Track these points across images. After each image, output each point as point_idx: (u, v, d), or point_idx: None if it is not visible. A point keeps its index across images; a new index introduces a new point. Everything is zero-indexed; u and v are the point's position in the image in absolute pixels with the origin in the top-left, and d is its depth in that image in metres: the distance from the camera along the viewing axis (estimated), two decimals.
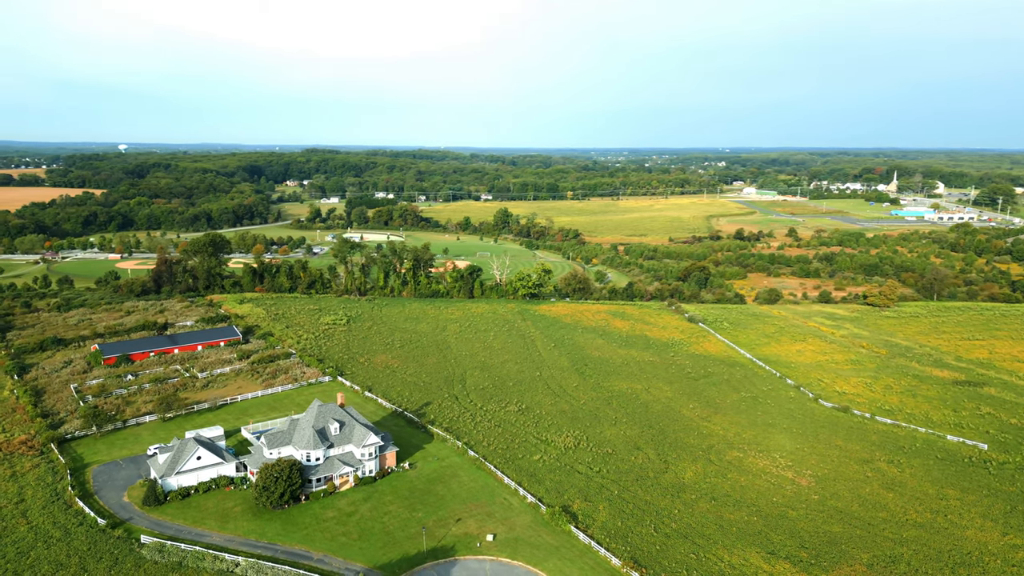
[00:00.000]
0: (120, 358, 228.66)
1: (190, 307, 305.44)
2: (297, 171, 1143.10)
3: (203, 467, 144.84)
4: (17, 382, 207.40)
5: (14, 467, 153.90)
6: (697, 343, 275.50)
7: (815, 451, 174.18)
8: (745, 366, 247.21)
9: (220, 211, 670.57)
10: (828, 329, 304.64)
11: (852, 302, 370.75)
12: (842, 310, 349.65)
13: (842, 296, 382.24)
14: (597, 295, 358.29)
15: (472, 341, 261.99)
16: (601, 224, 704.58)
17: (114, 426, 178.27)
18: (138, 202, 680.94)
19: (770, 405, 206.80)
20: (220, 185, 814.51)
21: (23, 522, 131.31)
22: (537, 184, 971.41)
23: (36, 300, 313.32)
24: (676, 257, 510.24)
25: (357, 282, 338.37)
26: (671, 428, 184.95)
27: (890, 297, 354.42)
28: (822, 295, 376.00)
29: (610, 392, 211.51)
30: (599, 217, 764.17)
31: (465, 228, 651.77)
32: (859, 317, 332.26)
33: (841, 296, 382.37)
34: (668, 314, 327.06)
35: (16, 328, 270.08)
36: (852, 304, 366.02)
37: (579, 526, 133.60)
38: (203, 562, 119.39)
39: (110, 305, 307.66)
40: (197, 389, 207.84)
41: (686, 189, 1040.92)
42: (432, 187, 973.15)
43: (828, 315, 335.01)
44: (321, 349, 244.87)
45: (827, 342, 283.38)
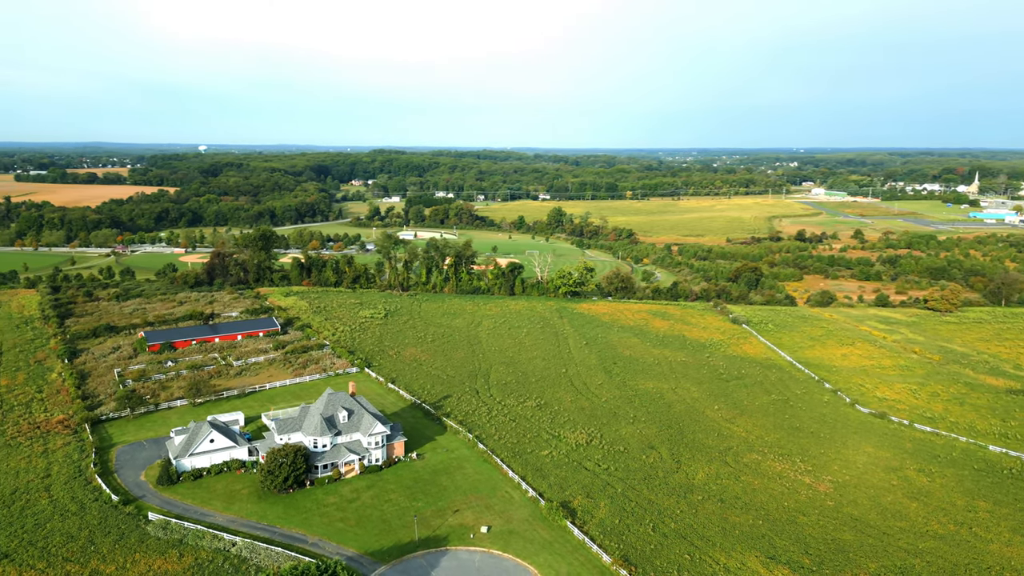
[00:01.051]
0: (164, 345, 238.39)
1: (238, 299, 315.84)
2: (362, 171, 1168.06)
3: (216, 450, 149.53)
4: (66, 366, 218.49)
5: (47, 444, 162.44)
6: (736, 344, 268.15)
7: (840, 457, 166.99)
8: (782, 368, 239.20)
9: (283, 208, 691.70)
10: (880, 333, 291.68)
11: (912, 306, 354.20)
12: (899, 314, 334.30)
13: (901, 300, 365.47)
14: (640, 294, 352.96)
15: (504, 337, 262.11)
16: (658, 224, 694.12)
17: (146, 409, 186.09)
18: (207, 199, 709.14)
19: (800, 409, 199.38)
20: (285, 184, 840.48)
21: (45, 496, 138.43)
22: (596, 184, 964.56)
23: (98, 290, 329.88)
24: (731, 258, 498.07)
25: (400, 277, 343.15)
26: (691, 428, 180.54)
27: (952, 302, 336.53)
28: (879, 298, 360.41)
29: (634, 391, 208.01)
30: (657, 217, 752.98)
31: (519, 227, 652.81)
32: (917, 322, 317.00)
33: (900, 300, 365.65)
34: (712, 315, 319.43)
35: (75, 315, 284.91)
36: (911, 308, 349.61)
37: (576, 522, 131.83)
38: (202, 540, 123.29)
39: (164, 296, 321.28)
40: (231, 376, 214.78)
41: (751, 189, 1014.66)
42: (491, 187, 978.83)
43: (883, 319, 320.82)
44: (354, 341, 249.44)
45: (877, 347, 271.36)
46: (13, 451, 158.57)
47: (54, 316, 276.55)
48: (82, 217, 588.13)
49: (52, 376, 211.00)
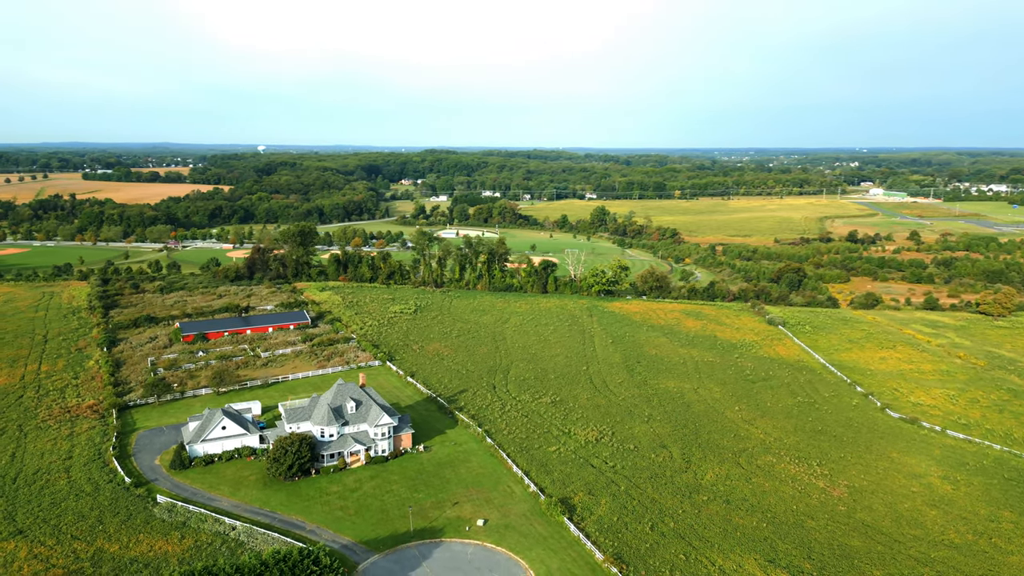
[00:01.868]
0: (197, 336, 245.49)
1: (275, 293, 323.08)
2: (412, 171, 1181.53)
3: (227, 437, 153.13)
4: (104, 354, 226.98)
5: (74, 428, 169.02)
6: (769, 345, 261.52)
7: (861, 461, 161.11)
8: (814, 371, 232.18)
9: (331, 206, 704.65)
10: (924, 337, 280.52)
11: (963, 310, 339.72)
12: (948, 318, 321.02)
13: (952, 304, 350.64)
14: (676, 294, 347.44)
15: (529, 334, 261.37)
16: (704, 224, 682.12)
17: (172, 397, 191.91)
18: (259, 197, 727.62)
19: (826, 412, 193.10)
20: (335, 183, 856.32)
21: (64, 476, 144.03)
22: (644, 183, 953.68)
23: (144, 283, 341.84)
24: (776, 258, 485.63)
25: (434, 274, 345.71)
26: (707, 429, 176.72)
27: (1005, 305, 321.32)
28: (928, 301, 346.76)
29: (654, 390, 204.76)
30: (704, 217, 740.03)
31: (562, 226, 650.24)
32: (965, 326, 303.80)
33: (951, 304, 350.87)
34: (747, 315, 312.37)
35: (120, 307, 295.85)
36: (962, 312, 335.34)
37: (574, 518, 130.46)
38: (204, 524, 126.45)
39: (206, 289, 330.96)
40: (257, 367, 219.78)
41: (804, 190, 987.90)
42: (537, 186, 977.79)
43: (930, 323, 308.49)
44: (381, 335, 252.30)
45: (918, 350, 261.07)
46: (42, 433, 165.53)
47: (99, 307, 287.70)
48: (140, 214, 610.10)
49: (89, 363, 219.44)
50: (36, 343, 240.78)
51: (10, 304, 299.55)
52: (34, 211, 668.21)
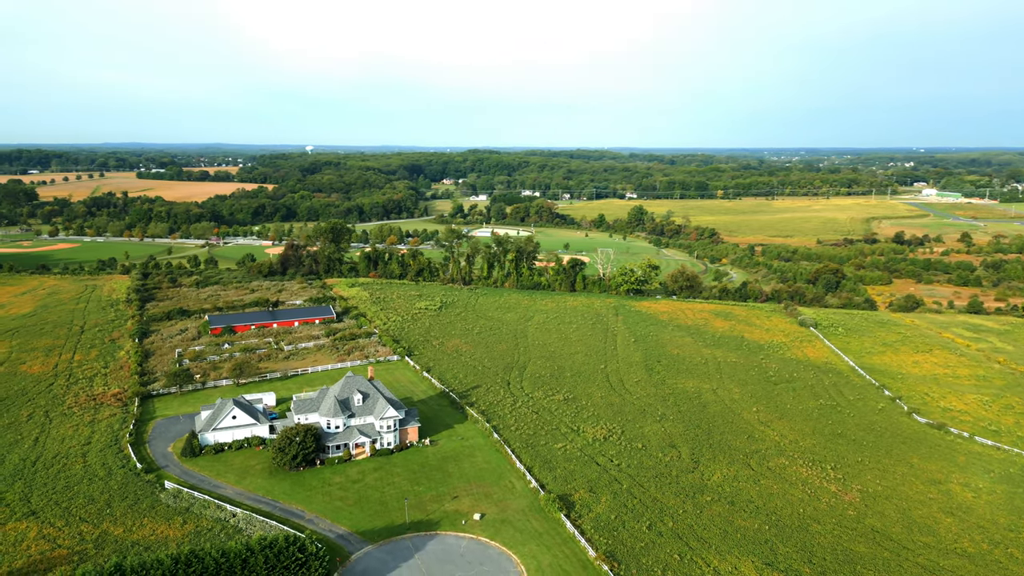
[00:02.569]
0: (224, 329, 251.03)
1: (306, 288, 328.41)
2: (454, 170, 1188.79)
3: (238, 426, 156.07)
4: (135, 344, 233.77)
5: (96, 415, 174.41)
6: (797, 347, 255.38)
7: (878, 466, 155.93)
8: (841, 373, 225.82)
9: (371, 205, 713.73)
10: (964, 341, 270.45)
11: (1008, 314, 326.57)
12: (992, 322, 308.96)
13: (998, 307, 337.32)
14: (707, 294, 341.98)
15: (551, 332, 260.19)
16: (745, 224, 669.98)
17: (193, 387, 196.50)
18: (301, 196, 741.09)
19: (848, 415, 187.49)
20: (375, 182, 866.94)
21: (80, 461, 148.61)
22: (686, 182, 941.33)
23: (182, 277, 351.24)
24: (816, 259, 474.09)
25: (462, 272, 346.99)
26: (720, 429, 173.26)
27: None
28: (972, 304, 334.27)
29: (672, 390, 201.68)
30: (746, 217, 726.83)
31: (599, 225, 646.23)
32: (1010, 331, 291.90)
33: (997, 307, 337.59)
34: (779, 316, 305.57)
35: (156, 300, 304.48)
36: (1007, 316, 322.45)
37: (572, 515, 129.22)
38: (206, 510, 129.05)
39: (239, 284, 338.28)
40: (279, 360, 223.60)
41: (853, 190, 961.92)
42: (577, 185, 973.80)
43: (972, 327, 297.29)
44: (403, 331, 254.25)
45: (956, 354, 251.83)
46: (66, 419, 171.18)
47: (136, 299, 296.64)
48: (186, 211, 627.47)
49: (120, 354, 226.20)
50: (73, 333, 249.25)
51: (54, 296, 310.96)
52: (88, 208, 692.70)
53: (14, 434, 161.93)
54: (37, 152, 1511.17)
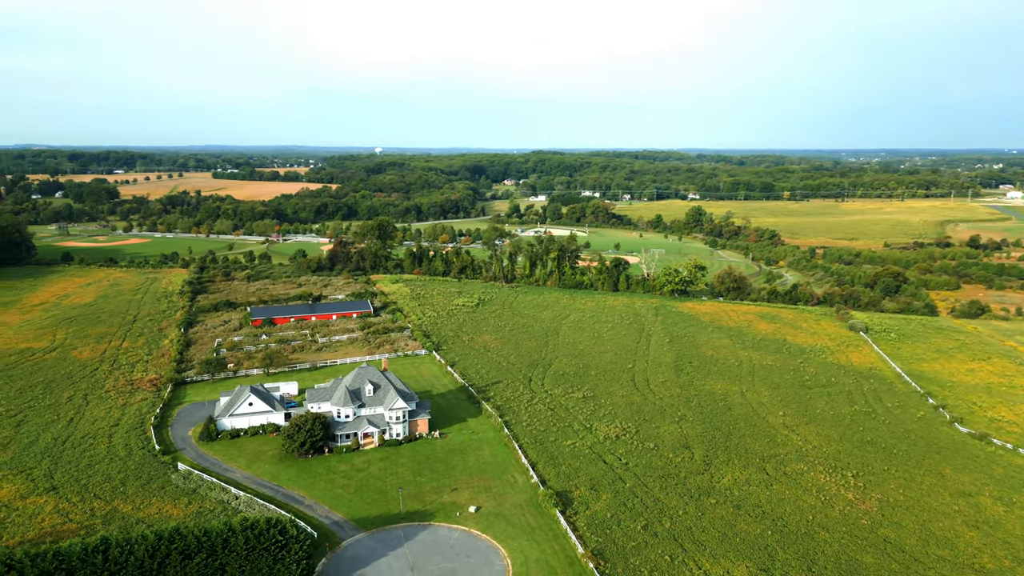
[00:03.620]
0: (265, 320, 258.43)
1: (350, 283, 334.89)
2: (515, 171, 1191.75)
3: (254, 413, 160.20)
4: (180, 333, 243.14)
5: (130, 399, 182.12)
6: (842, 352, 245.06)
7: (905, 475, 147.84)
8: (884, 379, 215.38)
9: (429, 205, 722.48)
10: None
11: None
12: None
13: None
14: (755, 296, 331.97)
15: (584, 331, 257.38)
16: (809, 226, 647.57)
17: (225, 375, 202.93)
18: (362, 195, 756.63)
19: (883, 423, 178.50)
20: (435, 182, 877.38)
21: (106, 442, 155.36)
22: (751, 183, 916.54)
23: (236, 271, 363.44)
24: (880, 262, 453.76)
25: (505, 270, 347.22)
26: (740, 432, 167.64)
27: None
28: None
29: (697, 391, 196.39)
30: (811, 218, 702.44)
31: (655, 226, 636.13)
32: None
33: None
34: (828, 320, 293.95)
35: (208, 292, 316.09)
36: None
37: (567, 512, 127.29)
38: (212, 492, 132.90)
39: (288, 278, 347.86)
40: (311, 351, 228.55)
41: (931, 192, 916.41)
42: (638, 186, 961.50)
43: None
44: (436, 326, 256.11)
45: (1016, 363, 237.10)
46: (102, 402, 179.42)
47: (188, 292, 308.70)
48: (251, 209, 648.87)
49: (164, 342, 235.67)
50: (126, 322, 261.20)
51: (116, 287, 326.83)
52: (164, 206, 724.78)
53: (52, 414, 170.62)
54: (124, 153, 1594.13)
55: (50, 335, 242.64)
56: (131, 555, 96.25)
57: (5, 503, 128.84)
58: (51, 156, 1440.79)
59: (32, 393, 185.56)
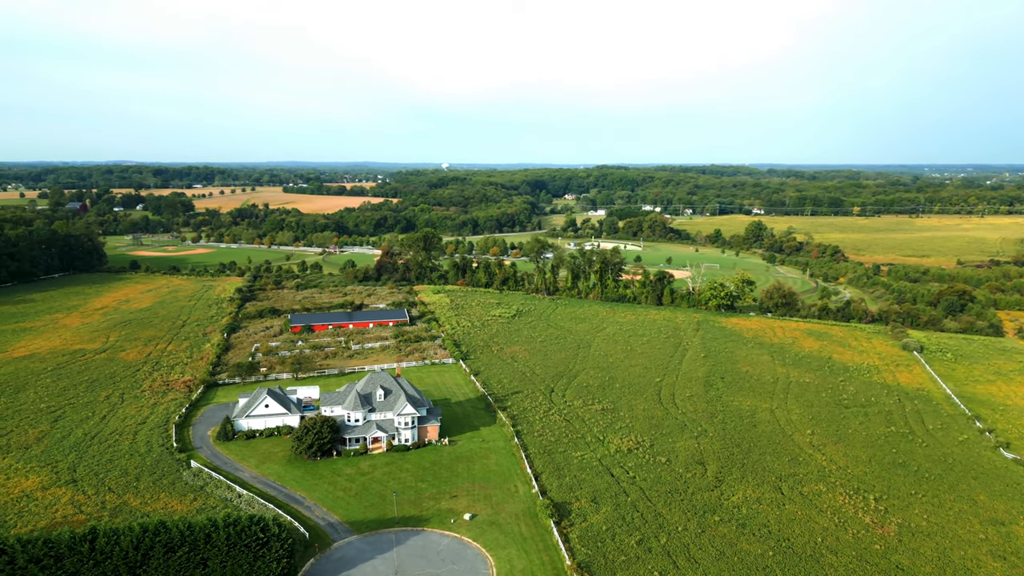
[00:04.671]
0: (304, 327, 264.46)
1: (393, 293, 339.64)
2: (577, 186, 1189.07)
3: (270, 415, 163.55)
4: (222, 338, 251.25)
5: (161, 398, 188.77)
6: (889, 371, 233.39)
7: (934, 500, 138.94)
8: (931, 401, 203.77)
9: (485, 218, 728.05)
10: None
11: None
12: None
13: None
14: (804, 312, 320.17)
15: (618, 343, 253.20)
16: (877, 242, 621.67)
17: (256, 378, 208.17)
18: (421, 209, 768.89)
19: (920, 445, 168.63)
20: (493, 196, 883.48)
21: (130, 439, 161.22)
22: (818, 198, 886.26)
23: (286, 280, 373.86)
24: (948, 280, 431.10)
25: (547, 282, 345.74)
26: (761, 450, 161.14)
27: None
28: None
29: (724, 407, 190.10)
30: (880, 235, 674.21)
31: (714, 241, 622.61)
32: None
33: None
34: (881, 339, 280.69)
35: (257, 300, 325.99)
36: None
37: (563, 523, 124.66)
38: (217, 490, 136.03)
39: (336, 288, 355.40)
40: (343, 358, 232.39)
41: (1015, 208, 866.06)
42: (701, 200, 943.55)
43: None
44: (468, 336, 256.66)
45: None
46: (135, 401, 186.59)
47: (238, 299, 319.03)
48: (313, 222, 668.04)
49: (206, 346, 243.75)
50: (175, 327, 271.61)
51: (174, 294, 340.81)
52: (233, 219, 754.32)
53: (88, 412, 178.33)
54: (205, 169, 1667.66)
55: (103, 337, 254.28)
56: (116, 545, 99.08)
57: (27, 493, 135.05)
58: (137, 171, 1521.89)
59: (75, 391, 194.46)
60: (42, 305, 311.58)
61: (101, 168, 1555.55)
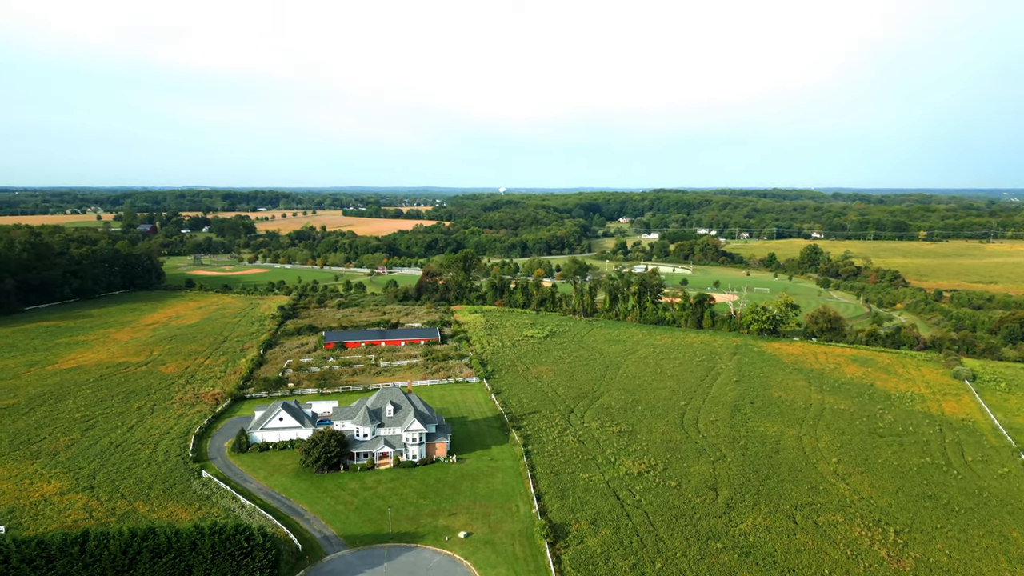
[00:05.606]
0: (337, 344, 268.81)
1: (430, 312, 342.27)
2: (631, 209, 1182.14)
3: (284, 428, 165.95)
4: (258, 354, 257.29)
5: (188, 410, 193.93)
6: (935, 400, 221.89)
7: (962, 535, 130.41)
8: (975, 432, 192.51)
9: (535, 241, 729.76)
10: None
11: None
12: None
13: None
14: (851, 338, 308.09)
15: (648, 366, 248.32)
16: (942, 268, 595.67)
17: (282, 393, 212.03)
18: (471, 231, 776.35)
19: (955, 477, 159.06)
20: (544, 219, 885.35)
21: (151, 448, 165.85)
22: (881, 222, 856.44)
23: (329, 299, 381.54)
24: (1015, 307, 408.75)
25: (585, 304, 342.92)
26: (779, 477, 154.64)
27: None
28: None
29: (748, 432, 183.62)
30: (946, 260, 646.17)
31: (768, 264, 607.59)
32: None
33: None
34: (932, 366, 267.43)
35: (298, 317, 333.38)
36: None
37: (557, 544, 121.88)
38: (223, 499, 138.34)
39: (376, 307, 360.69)
40: (370, 375, 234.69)
41: None
42: (758, 224, 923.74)
43: None
44: (497, 355, 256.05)
45: None
46: (165, 412, 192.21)
47: (279, 316, 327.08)
48: (365, 243, 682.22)
49: (241, 361, 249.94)
50: (216, 342, 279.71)
51: (222, 311, 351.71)
52: (291, 240, 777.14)
53: (118, 421, 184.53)
54: (270, 193, 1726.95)
55: (148, 351, 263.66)
56: (106, 549, 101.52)
57: (46, 497, 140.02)
58: (207, 195, 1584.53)
59: (111, 402, 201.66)
60: (98, 320, 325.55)
61: (175, 192, 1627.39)
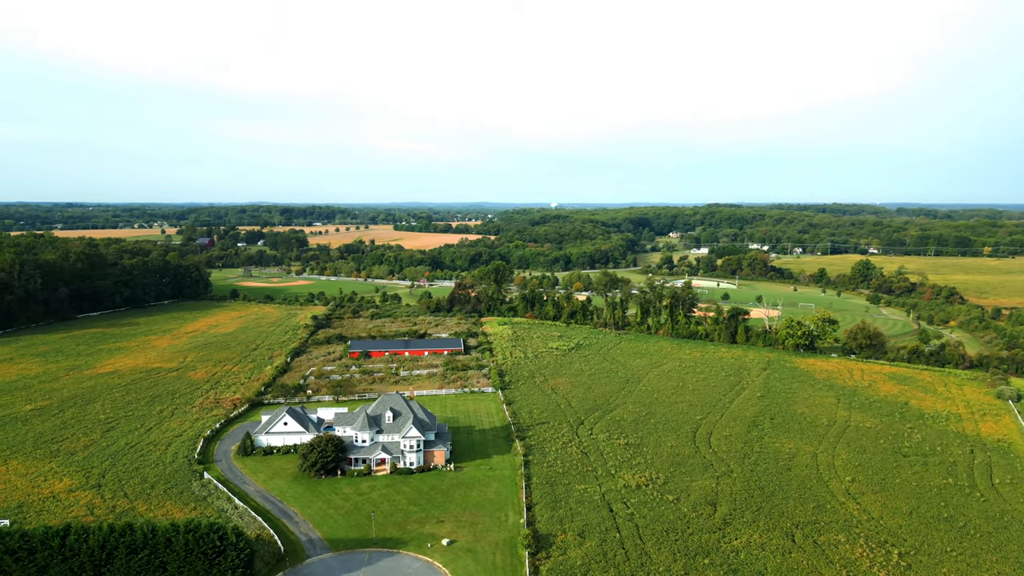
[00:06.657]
0: (362, 353, 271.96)
1: (460, 323, 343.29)
2: (682, 224, 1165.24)
3: (288, 432, 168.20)
4: (284, 361, 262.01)
5: (206, 414, 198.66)
6: (972, 420, 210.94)
7: (971, 561, 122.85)
8: (1008, 454, 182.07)
9: (579, 255, 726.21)
10: None
11: None
12: None
13: None
14: (892, 355, 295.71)
15: (671, 379, 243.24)
16: (1005, 285, 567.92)
17: (299, 399, 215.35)
18: (516, 245, 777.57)
19: (977, 500, 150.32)
20: (589, 233, 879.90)
21: (162, 449, 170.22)
22: (943, 237, 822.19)
23: (364, 310, 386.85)
24: None
25: (616, 317, 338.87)
26: (785, 495, 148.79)
27: None
28: None
29: (761, 448, 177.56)
30: (1010, 277, 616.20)
31: (818, 280, 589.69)
32: None
33: None
34: (974, 385, 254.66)
35: (330, 327, 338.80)
36: None
37: (540, 555, 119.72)
38: (218, 500, 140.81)
39: (408, 317, 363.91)
40: (389, 383, 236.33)
41: None
42: (812, 239, 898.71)
43: None
44: (517, 367, 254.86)
45: None
46: (183, 415, 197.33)
47: (312, 326, 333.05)
48: (410, 256, 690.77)
49: (267, 368, 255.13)
50: (248, 350, 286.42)
51: (260, 320, 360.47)
52: (340, 254, 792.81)
53: (138, 423, 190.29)
54: (326, 208, 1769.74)
55: (181, 357, 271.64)
56: (85, 543, 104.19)
57: (55, 494, 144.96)
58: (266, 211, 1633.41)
59: (136, 405, 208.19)
60: (143, 328, 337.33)
61: (236, 208, 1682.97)
